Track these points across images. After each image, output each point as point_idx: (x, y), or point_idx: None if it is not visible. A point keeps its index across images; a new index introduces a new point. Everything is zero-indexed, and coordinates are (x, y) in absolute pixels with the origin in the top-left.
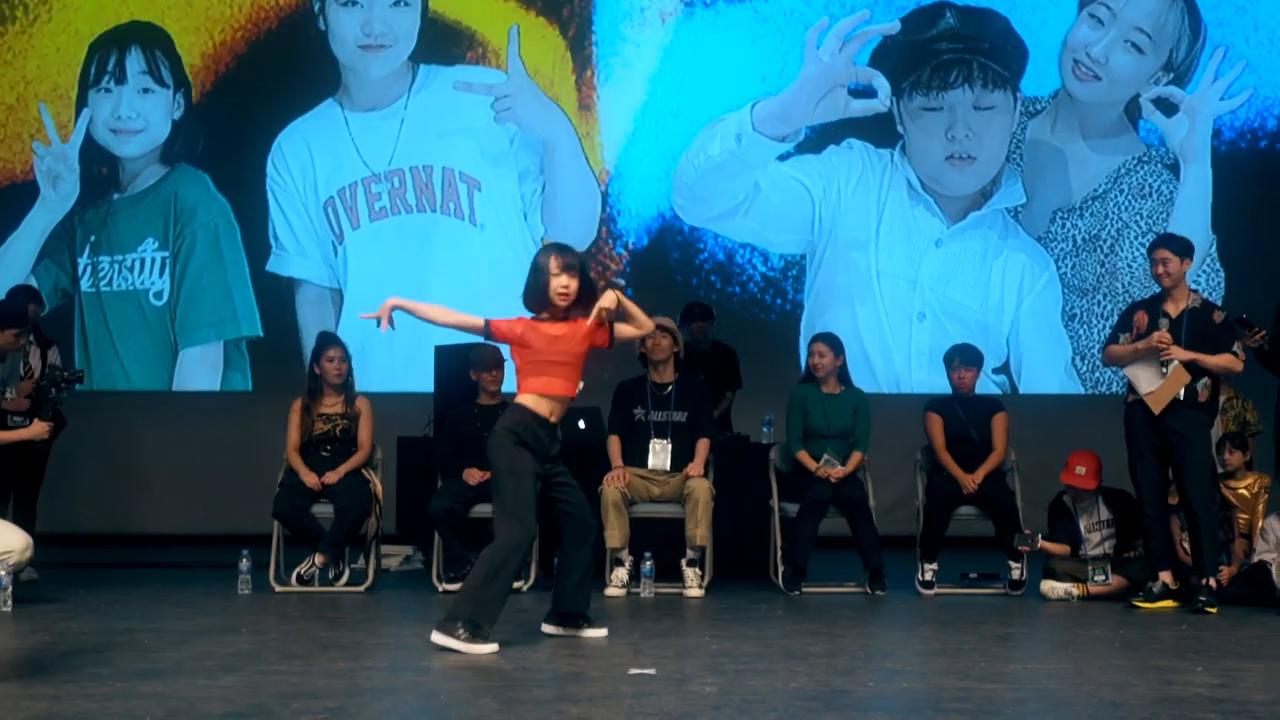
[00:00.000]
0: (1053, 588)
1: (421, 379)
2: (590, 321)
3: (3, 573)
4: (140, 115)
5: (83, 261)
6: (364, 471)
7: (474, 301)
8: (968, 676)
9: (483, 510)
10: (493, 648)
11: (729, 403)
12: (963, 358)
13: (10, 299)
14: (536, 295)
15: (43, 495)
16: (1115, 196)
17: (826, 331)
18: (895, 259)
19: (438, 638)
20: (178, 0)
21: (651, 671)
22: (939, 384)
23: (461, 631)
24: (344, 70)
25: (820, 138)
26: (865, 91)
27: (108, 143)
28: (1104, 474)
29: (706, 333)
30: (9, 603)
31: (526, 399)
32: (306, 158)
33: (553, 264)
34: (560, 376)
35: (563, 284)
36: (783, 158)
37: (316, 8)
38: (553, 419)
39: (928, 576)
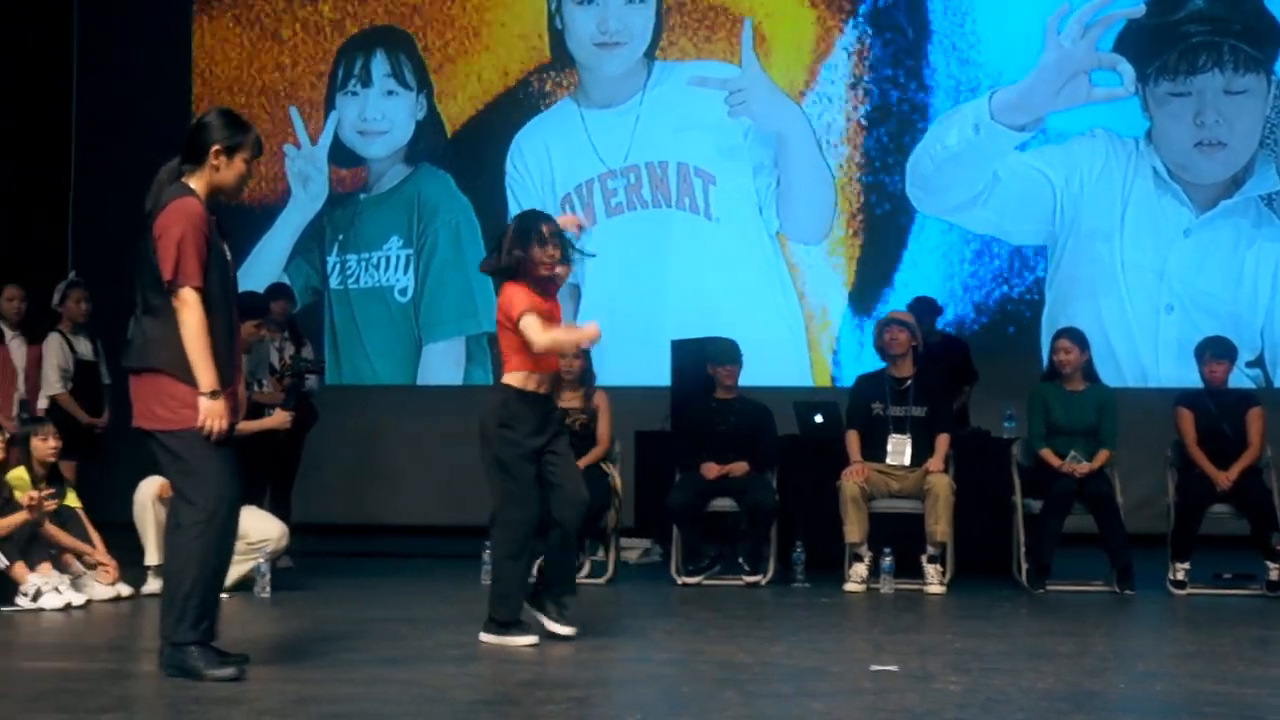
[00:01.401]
0: None
1: (659, 373)
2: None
3: (261, 560)
4: (385, 117)
5: (331, 260)
6: (603, 465)
7: (708, 294)
8: (1226, 680)
9: (721, 504)
10: (531, 639)
11: (967, 396)
12: (1214, 350)
13: (267, 295)
14: (520, 262)
15: (296, 485)
16: None
17: (1070, 326)
18: (1142, 249)
19: (485, 638)
20: (420, 4)
21: (894, 668)
22: (1188, 378)
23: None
24: (580, 68)
25: (1062, 125)
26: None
27: (354, 144)
28: None
29: (932, 326)
30: (267, 589)
31: (514, 378)
32: (544, 155)
33: (545, 230)
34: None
35: (549, 253)
36: (1022, 147)
37: (553, 7)
38: (542, 390)
39: (1180, 576)
